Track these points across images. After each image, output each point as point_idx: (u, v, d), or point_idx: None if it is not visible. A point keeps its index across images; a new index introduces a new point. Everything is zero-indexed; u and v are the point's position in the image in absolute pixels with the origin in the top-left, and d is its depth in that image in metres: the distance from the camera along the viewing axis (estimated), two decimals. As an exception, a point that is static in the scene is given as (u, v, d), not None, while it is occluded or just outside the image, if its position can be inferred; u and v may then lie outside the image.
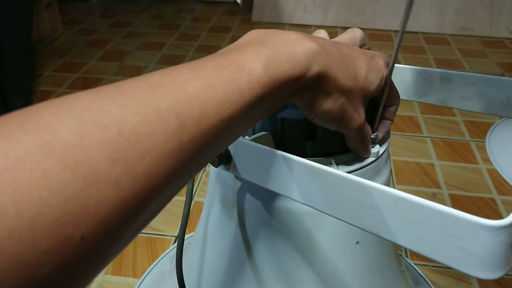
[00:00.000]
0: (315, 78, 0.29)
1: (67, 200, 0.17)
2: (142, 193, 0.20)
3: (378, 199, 0.27)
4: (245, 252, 0.44)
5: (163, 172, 0.21)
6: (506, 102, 0.38)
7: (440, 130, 1.16)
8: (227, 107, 0.24)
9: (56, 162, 0.17)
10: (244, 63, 0.26)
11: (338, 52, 0.31)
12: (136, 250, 0.80)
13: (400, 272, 0.54)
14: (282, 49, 0.28)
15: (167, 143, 0.21)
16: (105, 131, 0.19)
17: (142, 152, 0.19)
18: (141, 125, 0.20)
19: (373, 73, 0.34)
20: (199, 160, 0.24)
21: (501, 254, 0.24)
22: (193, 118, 0.22)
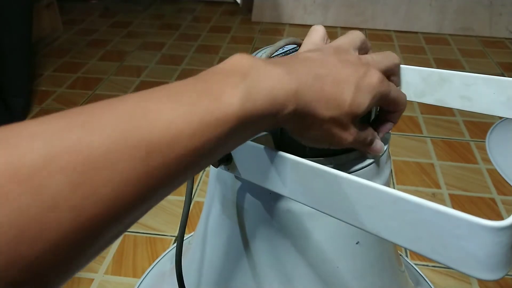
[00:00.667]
0: (292, 114, 0.29)
1: (24, 223, 0.17)
2: (102, 217, 0.20)
3: (378, 199, 0.27)
4: (245, 252, 0.44)
5: (126, 198, 0.21)
6: (506, 102, 0.38)
7: (440, 130, 1.16)
8: (199, 138, 0.24)
9: (17, 185, 0.17)
10: (223, 95, 0.25)
11: (319, 85, 0.30)
12: (136, 250, 0.80)
13: (400, 272, 0.54)
14: (263, 84, 0.27)
15: (133, 171, 0.21)
16: (72, 156, 0.19)
17: (106, 178, 0.20)
18: (109, 152, 0.20)
19: (362, 95, 0.32)
20: (167, 187, 0.24)
21: (501, 255, 0.24)
22: (163, 148, 0.22)
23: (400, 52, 1.63)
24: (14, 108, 1.22)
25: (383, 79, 0.34)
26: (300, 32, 1.82)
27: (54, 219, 0.18)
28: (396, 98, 0.35)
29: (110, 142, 0.20)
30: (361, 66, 0.33)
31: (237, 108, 0.25)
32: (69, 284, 0.74)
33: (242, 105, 0.26)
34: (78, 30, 1.84)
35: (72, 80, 1.43)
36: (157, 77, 1.45)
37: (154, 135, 0.22)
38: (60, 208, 0.18)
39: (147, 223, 0.87)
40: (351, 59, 0.34)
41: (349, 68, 0.32)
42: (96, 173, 0.19)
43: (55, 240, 0.18)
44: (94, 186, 0.19)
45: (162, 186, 0.23)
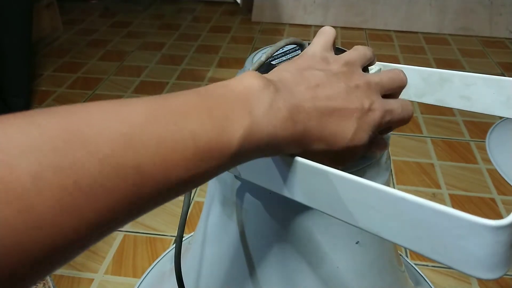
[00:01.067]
0: (287, 151, 0.30)
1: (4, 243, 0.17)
2: (84, 238, 0.20)
3: (378, 199, 0.27)
4: (245, 252, 0.44)
5: (113, 220, 0.21)
6: (506, 102, 0.38)
7: (440, 130, 1.16)
8: (192, 171, 0.23)
9: (4, 204, 0.17)
10: (225, 131, 0.25)
11: (323, 124, 0.30)
12: (136, 250, 0.80)
13: (400, 272, 0.54)
14: (268, 125, 0.27)
15: (123, 197, 0.21)
16: (62, 178, 0.18)
17: (94, 203, 0.19)
18: (101, 177, 0.20)
19: (362, 132, 0.32)
20: (152, 208, 0.24)
21: (501, 254, 0.24)
22: (155, 178, 0.22)
23: (400, 52, 1.63)
24: (14, 108, 1.22)
25: (385, 113, 0.33)
26: (300, 32, 1.82)
27: (37, 238, 0.18)
28: (400, 120, 0.35)
29: (103, 168, 0.20)
30: (367, 98, 0.32)
31: (234, 147, 0.25)
32: (69, 284, 0.74)
33: (241, 145, 0.26)
34: (78, 30, 1.84)
35: (72, 80, 1.43)
36: (157, 77, 1.45)
37: (148, 167, 0.21)
38: (44, 228, 0.18)
39: (147, 223, 0.87)
40: (360, 84, 0.33)
41: (355, 100, 0.32)
42: (84, 197, 0.19)
43: (33, 258, 0.18)
44: (80, 210, 0.19)
45: (148, 208, 0.23)
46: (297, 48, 0.42)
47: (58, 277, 0.75)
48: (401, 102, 0.35)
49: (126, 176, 0.20)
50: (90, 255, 0.80)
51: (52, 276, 0.75)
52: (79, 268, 0.77)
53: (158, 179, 0.22)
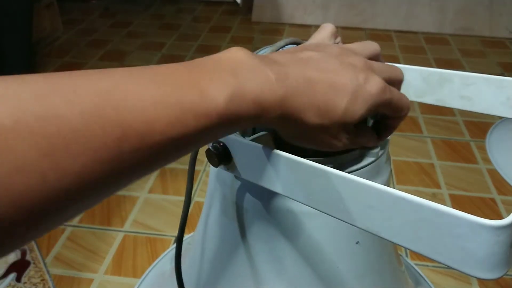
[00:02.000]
0: (278, 118, 0.29)
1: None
2: (70, 191, 0.20)
3: (378, 199, 0.27)
4: (245, 252, 0.44)
5: (96, 176, 0.21)
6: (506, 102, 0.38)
7: (440, 130, 1.17)
8: (177, 128, 0.23)
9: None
10: (209, 90, 0.25)
11: (311, 91, 0.29)
12: (136, 250, 0.80)
13: (400, 272, 0.54)
14: (251, 87, 0.27)
15: (105, 150, 0.21)
16: (44, 125, 0.19)
17: (76, 153, 0.20)
18: (82, 127, 0.20)
19: (358, 103, 0.30)
20: (137, 171, 0.23)
21: (501, 254, 0.24)
22: (138, 131, 0.22)
23: (400, 52, 1.63)
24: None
25: (385, 87, 0.32)
26: (300, 32, 1.82)
27: (21, 181, 0.18)
28: (399, 105, 0.34)
29: (85, 118, 0.20)
30: (363, 72, 0.31)
31: (220, 106, 0.25)
32: (69, 284, 0.74)
33: (226, 104, 0.25)
34: (78, 30, 1.84)
35: (72, 80, 1.43)
36: (157, 77, 1.45)
37: (131, 117, 0.22)
38: (27, 172, 0.18)
39: (147, 223, 0.87)
40: (355, 62, 0.32)
41: (349, 73, 0.31)
42: (66, 146, 0.19)
43: (20, 202, 0.18)
44: (62, 158, 0.19)
45: (132, 170, 0.23)
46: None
47: (58, 277, 0.75)
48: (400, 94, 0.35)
49: (107, 128, 0.21)
50: (90, 255, 0.80)
51: (52, 276, 0.75)
52: (79, 268, 0.77)
53: (140, 133, 0.22)
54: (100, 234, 0.84)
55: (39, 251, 0.80)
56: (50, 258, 0.79)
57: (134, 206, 0.91)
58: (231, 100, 0.26)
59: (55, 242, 0.82)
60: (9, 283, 0.74)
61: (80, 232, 0.84)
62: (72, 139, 0.19)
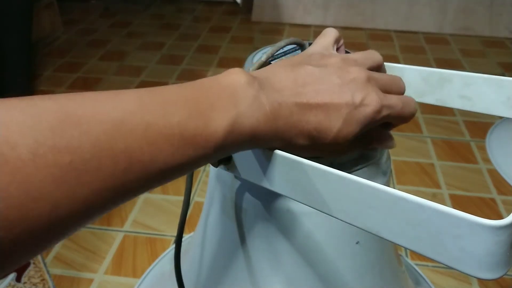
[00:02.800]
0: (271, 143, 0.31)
1: (6, 209, 0.19)
2: (77, 215, 0.21)
3: (378, 199, 0.27)
4: (245, 252, 0.44)
5: (103, 201, 0.22)
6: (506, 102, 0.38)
7: (440, 130, 1.16)
8: (178, 158, 0.25)
9: (6, 175, 0.19)
10: (211, 122, 0.26)
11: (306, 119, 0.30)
12: (136, 250, 0.80)
13: (400, 272, 0.54)
14: (249, 119, 0.28)
15: (112, 179, 0.22)
16: (58, 157, 0.20)
17: (86, 182, 0.21)
18: (93, 159, 0.21)
19: (350, 127, 0.31)
20: (140, 192, 0.25)
21: (501, 254, 0.24)
22: (143, 162, 0.23)
23: (400, 52, 1.63)
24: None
25: (381, 107, 0.31)
26: (300, 32, 1.82)
27: (34, 211, 0.19)
28: (399, 118, 0.34)
29: (95, 151, 0.21)
30: (361, 90, 0.31)
31: (219, 138, 0.27)
32: (69, 284, 0.74)
33: (225, 136, 0.27)
34: (78, 30, 1.84)
35: (72, 80, 1.43)
36: (157, 77, 1.45)
37: (138, 149, 0.23)
38: (42, 202, 0.20)
39: (147, 223, 0.87)
40: (356, 75, 0.32)
41: (346, 94, 0.31)
42: (78, 175, 0.21)
43: (32, 228, 0.20)
44: (73, 188, 0.21)
45: (136, 193, 0.25)
46: (297, 48, 0.42)
47: (58, 277, 0.75)
48: (404, 98, 0.34)
49: (116, 159, 0.22)
50: (90, 255, 0.80)
51: (52, 276, 0.75)
52: (79, 268, 0.77)
53: (145, 163, 0.23)
54: (100, 234, 0.84)
55: (39, 251, 0.80)
56: (50, 258, 0.79)
57: (134, 206, 0.91)
58: (230, 133, 0.27)
59: (55, 242, 0.82)
60: (9, 283, 0.74)
61: (80, 232, 0.84)
62: (83, 170, 0.21)
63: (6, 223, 0.19)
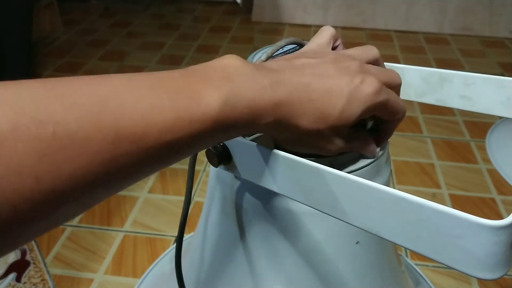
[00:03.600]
0: (272, 124, 0.29)
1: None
2: (63, 192, 0.20)
3: (378, 199, 0.27)
4: (245, 252, 0.44)
5: (90, 178, 0.21)
6: (506, 102, 0.38)
7: (440, 130, 1.16)
8: (171, 133, 0.24)
9: None
10: (204, 95, 0.25)
11: (306, 97, 0.29)
12: (136, 250, 0.80)
13: (400, 272, 0.54)
14: (245, 93, 0.27)
15: (99, 154, 0.21)
16: (40, 128, 0.19)
17: (72, 156, 0.20)
18: (79, 131, 0.20)
19: (353, 106, 0.30)
20: (132, 175, 0.24)
21: (501, 254, 0.24)
22: (133, 136, 0.22)
23: (400, 52, 1.63)
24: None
25: (381, 88, 0.32)
26: (300, 32, 1.82)
27: (17, 184, 0.18)
28: (394, 108, 0.34)
29: (81, 122, 0.20)
30: (359, 74, 0.31)
31: (215, 111, 0.25)
32: (69, 284, 0.74)
33: (221, 109, 0.26)
34: (78, 30, 1.84)
35: (72, 80, 1.43)
36: (157, 77, 1.45)
37: (126, 123, 0.22)
38: (23, 175, 0.19)
39: (147, 223, 0.87)
40: (352, 66, 0.32)
41: (345, 77, 0.31)
42: (61, 149, 0.20)
43: (15, 203, 0.19)
44: (57, 161, 0.20)
45: (126, 174, 0.23)
46: (297, 47, 0.42)
47: (58, 277, 0.75)
48: (397, 97, 0.34)
49: (104, 132, 0.21)
50: (90, 255, 0.80)
51: (52, 276, 0.75)
52: (79, 268, 0.77)
53: (136, 137, 0.22)
54: (100, 234, 0.84)
55: (39, 251, 0.80)
56: (50, 258, 0.79)
57: (134, 206, 0.91)
58: (226, 105, 0.26)
59: (55, 242, 0.82)
60: (9, 283, 0.74)
61: (80, 232, 0.84)
62: (68, 143, 0.20)
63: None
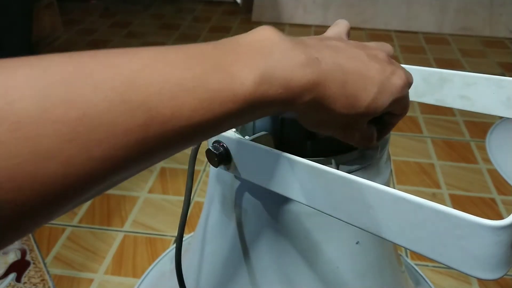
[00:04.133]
0: (307, 105, 0.28)
1: (12, 168, 0.17)
2: (92, 175, 0.20)
3: (378, 199, 0.27)
4: (245, 252, 0.44)
5: (119, 161, 0.20)
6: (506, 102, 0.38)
7: (440, 130, 1.16)
8: (202, 114, 0.23)
9: (6, 130, 0.17)
10: (238, 73, 0.24)
11: (342, 79, 0.28)
12: (136, 250, 0.80)
13: (400, 272, 0.54)
14: (283, 68, 0.26)
15: (129, 135, 0.20)
16: (68, 110, 0.19)
17: (100, 138, 0.19)
18: (107, 112, 0.20)
19: (384, 97, 0.30)
20: (161, 154, 0.23)
21: (501, 254, 0.24)
22: (163, 117, 0.21)
23: (400, 52, 1.63)
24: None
25: (408, 82, 0.32)
26: (300, 32, 1.82)
27: (44, 170, 0.18)
28: (408, 104, 0.34)
29: (110, 103, 0.20)
30: (389, 65, 0.31)
31: (249, 90, 0.24)
32: (69, 284, 0.74)
33: (255, 87, 0.24)
34: (78, 30, 1.84)
35: (72, 80, 1.43)
36: (157, 77, 1.45)
37: (156, 103, 0.21)
38: (52, 161, 0.18)
39: (147, 223, 0.87)
40: (379, 55, 0.31)
41: (377, 64, 0.30)
42: (90, 131, 0.19)
43: (44, 189, 0.18)
44: (86, 144, 0.19)
45: (156, 153, 0.22)
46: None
47: (58, 277, 0.75)
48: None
49: (133, 113, 0.20)
50: (90, 255, 0.80)
51: (52, 276, 0.75)
52: (79, 268, 0.77)
53: (166, 118, 0.21)
54: (100, 234, 0.84)
55: (39, 251, 0.80)
56: (50, 258, 0.79)
57: (134, 206, 0.91)
58: (260, 84, 0.25)
59: (55, 242, 0.82)
60: (9, 283, 0.74)
61: (80, 232, 0.84)
62: (97, 124, 0.19)
63: (14, 184, 0.17)
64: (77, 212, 0.89)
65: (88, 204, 0.91)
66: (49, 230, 0.84)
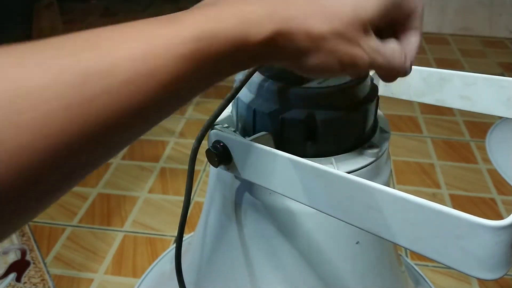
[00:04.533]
0: (275, 36, 0.24)
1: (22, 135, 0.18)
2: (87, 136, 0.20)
3: (378, 199, 0.27)
4: (244, 252, 0.44)
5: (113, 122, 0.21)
6: (506, 102, 0.38)
7: (440, 130, 1.16)
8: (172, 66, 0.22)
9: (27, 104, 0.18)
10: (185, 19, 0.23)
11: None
12: (136, 250, 0.80)
13: (400, 272, 0.54)
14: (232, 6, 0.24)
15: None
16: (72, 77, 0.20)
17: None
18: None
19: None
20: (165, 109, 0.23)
21: (501, 255, 0.24)
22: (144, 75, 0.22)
23: (400, 52, 1.63)
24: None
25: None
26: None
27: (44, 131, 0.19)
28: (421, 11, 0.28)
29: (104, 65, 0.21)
30: None
31: (196, 28, 0.22)
32: (69, 284, 0.74)
33: (202, 25, 0.22)
34: (78, 30, 1.84)
35: (72, 80, 1.43)
36: (157, 77, 1.45)
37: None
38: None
39: (147, 223, 0.87)
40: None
41: None
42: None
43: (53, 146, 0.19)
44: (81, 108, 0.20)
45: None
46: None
47: (58, 277, 0.75)
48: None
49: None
50: (90, 255, 0.80)
51: (52, 276, 0.75)
52: (79, 268, 0.77)
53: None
54: (100, 234, 0.84)
55: (39, 251, 0.80)
56: (50, 258, 0.79)
57: (134, 206, 0.91)
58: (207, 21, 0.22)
59: (55, 242, 0.82)
60: (9, 283, 0.74)
61: (80, 232, 0.84)
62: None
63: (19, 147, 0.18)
64: (77, 212, 0.89)
65: (88, 204, 0.91)
66: (49, 230, 0.84)
